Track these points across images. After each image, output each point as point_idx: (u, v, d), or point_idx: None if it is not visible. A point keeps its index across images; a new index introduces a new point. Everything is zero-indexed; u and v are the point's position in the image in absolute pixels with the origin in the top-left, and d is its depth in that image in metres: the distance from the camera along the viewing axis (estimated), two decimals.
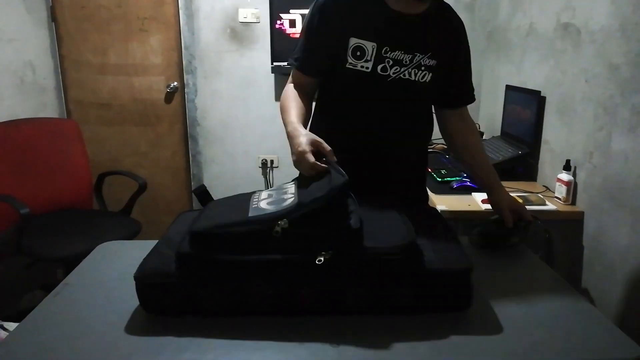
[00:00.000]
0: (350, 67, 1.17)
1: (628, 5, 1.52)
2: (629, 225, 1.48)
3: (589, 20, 1.73)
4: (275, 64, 2.77)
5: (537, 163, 2.10)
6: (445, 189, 1.92)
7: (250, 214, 0.85)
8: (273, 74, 2.83)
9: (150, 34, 2.84)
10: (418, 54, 1.18)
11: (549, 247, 1.45)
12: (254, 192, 0.99)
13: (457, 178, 1.99)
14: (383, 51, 1.16)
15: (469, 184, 1.92)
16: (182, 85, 2.91)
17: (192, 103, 2.93)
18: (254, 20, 2.82)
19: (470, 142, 1.34)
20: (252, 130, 2.96)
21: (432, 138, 2.98)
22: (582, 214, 1.72)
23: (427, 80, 1.21)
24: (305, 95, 1.24)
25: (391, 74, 1.18)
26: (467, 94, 1.36)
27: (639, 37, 1.46)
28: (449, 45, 1.23)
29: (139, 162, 3.01)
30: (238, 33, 2.84)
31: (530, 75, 2.21)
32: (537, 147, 2.09)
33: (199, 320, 0.83)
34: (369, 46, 1.16)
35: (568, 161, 1.78)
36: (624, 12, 1.54)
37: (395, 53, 1.17)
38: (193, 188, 3.04)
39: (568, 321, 0.87)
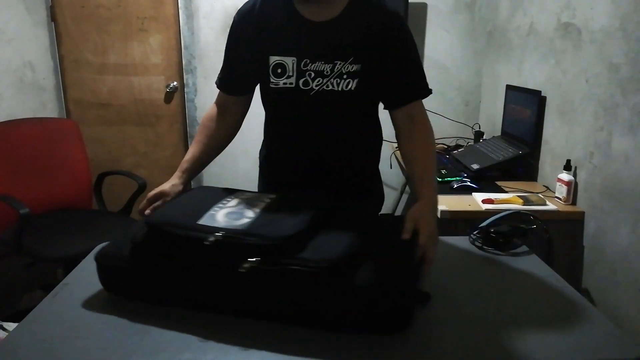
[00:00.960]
0: (274, 86, 1.15)
1: (628, 4, 1.52)
2: (629, 225, 1.48)
3: (590, 20, 1.73)
4: None
5: (537, 163, 2.10)
6: (445, 189, 1.92)
7: (199, 221, 0.87)
8: None
9: (149, 33, 2.84)
10: (338, 62, 1.11)
11: (549, 247, 1.45)
12: (231, 194, 1.02)
13: (457, 178, 1.99)
14: (303, 64, 1.12)
15: (469, 184, 1.92)
16: (182, 85, 2.91)
17: (191, 103, 2.93)
18: None
19: (410, 147, 1.16)
20: (251, 130, 2.94)
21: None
22: (582, 214, 1.72)
23: (352, 88, 1.13)
24: (225, 116, 1.24)
25: (314, 86, 1.13)
26: (409, 91, 1.17)
27: None
28: (374, 45, 1.12)
29: (139, 162, 3.01)
30: None
31: (531, 75, 2.21)
32: (537, 147, 2.09)
33: (198, 321, 0.83)
34: (289, 61, 1.13)
35: (568, 161, 1.77)
36: (624, 11, 1.54)
37: (316, 64, 1.12)
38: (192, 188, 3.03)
39: (568, 321, 0.87)
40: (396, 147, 2.70)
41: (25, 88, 2.58)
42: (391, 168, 2.88)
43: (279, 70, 1.14)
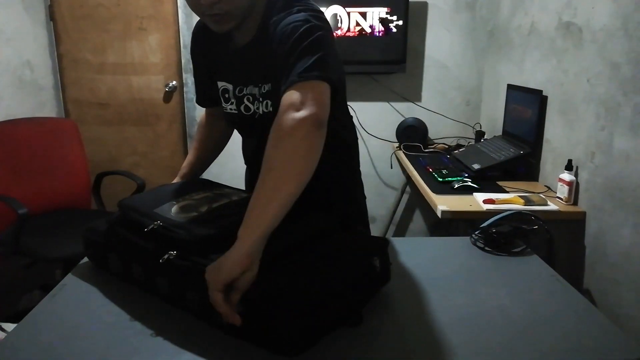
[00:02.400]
0: (224, 110, 1.15)
1: (630, 4, 1.51)
2: (631, 225, 1.47)
3: (591, 19, 1.72)
4: None
5: (538, 163, 2.09)
6: (446, 189, 1.92)
7: (155, 209, 0.91)
8: None
9: (149, 32, 2.83)
10: (260, 85, 1.04)
11: (551, 248, 1.44)
12: (208, 188, 1.03)
13: (458, 178, 1.98)
14: (238, 90, 1.09)
15: (470, 184, 1.92)
16: (181, 84, 2.90)
17: (191, 102, 2.92)
18: None
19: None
20: None
21: (433, 138, 2.95)
22: (583, 214, 1.71)
23: (270, 109, 1.04)
24: (214, 122, 1.29)
25: (257, 110, 1.07)
26: (286, 75, 0.90)
27: None
28: (274, 51, 0.96)
29: (138, 162, 3.00)
30: None
31: (532, 75, 2.20)
32: (538, 146, 2.08)
33: (199, 321, 0.83)
34: (230, 87, 1.11)
35: (570, 161, 1.77)
36: (625, 11, 1.53)
37: (249, 88, 1.07)
38: None
39: (569, 321, 0.87)
40: (397, 147, 2.70)
41: (24, 87, 2.57)
42: (392, 168, 2.88)
43: (226, 95, 1.13)
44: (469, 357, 0.77)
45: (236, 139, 1.33)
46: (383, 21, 2.63)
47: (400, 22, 2.62)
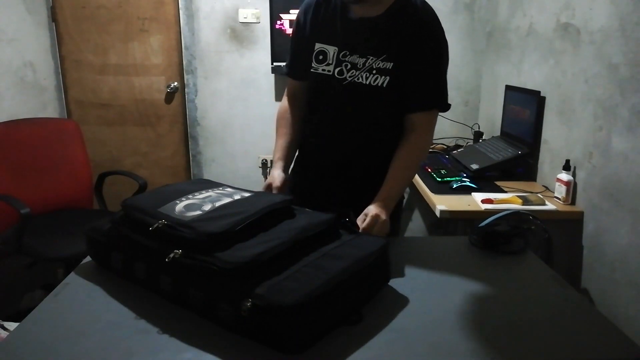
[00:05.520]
0: (313, 70, 1.24)
1: (627, 5, 1.52)
2: (628, 225, 1.48)
3: (589, 20, 1.73)
4: (275, 64, 2.77)
5: (536, 163, 2.10)
6: (445, 189, 1.93)
7: (159, 208, 0.93)
8: (273, 74, 2.83)
9: (150, 34, 2.84)
10: (370, 57, 1.17)
11: (549, 247, 1.45)
12: (210, 187, 1.05)
13: (457, 178, 1.99)
14: (342, 55, 1.20)
15: (468, 184, 1.93)
16: (183, 85, 2.92)
17: (192, 103, 2.94)
18: (254, 21, 2.82)
19: (398, 153, 1.21)
20: (252, 130, 2.96)
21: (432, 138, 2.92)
22: (581, 213, 1.72)
23: (383, 84, 1.18)
24: (296, 105, 1.34)
25: (347, 77, 1.21)
26: (418, 101, 1.20)
27: (639, 37, 1.46)
28: (407, 47, 1.16)
29: (140, 162, 3.02)
30: (238, 33, 2.84)
31: (530, 76, 2.21)
32: (536, 147, 2.09)
33: (199, 321, 0.84)
34: (331, 50, 1.22)
35: (568, 161, 1.78)
36: (623, 12, 1.54)
37: (353, 57, 1.19)
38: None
39: (568, 321, 0.87)
40: None
41: (26, 88, 2.58)
42: None
43: (321, 57, 1.23)
44: (467, 355, 0.78)
45: (236, 140, 1.34)
46: None
47: None
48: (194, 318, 0.84)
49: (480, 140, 2.52)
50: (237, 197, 0.98)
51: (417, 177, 2.11)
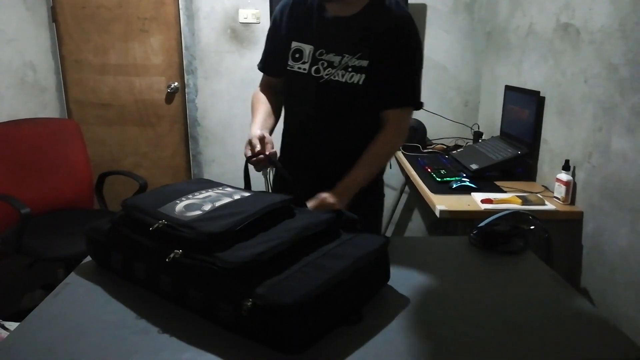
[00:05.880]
0: (290, 68, 1.27)
1: (627, 5, 1.52)
2: (628, 225, 1.48)
3: (588, 21, 1.74)
4: None
5: (536, 163, 2.10)
6: (444, 189, 1.93)
7: (159, 208, 0.93)
8: None
9: (150, 34, 2.84)
10: (346, 55, 1.20)
11: (548, 247, 1.45)
12: (210, 187, 1.04)
13: (457, 178, 1.99)
14: (318, 53, 1.22)
15: (468, 184, 1.93)
16: (183, 85, 2.92)
17: (192, 103, 2.94)
18: (254, 21, 2.82)
19: (370, 145, 1.22)
20: None
21: (432, 139, 2.97)
22: (581, 213, 1.72)
23: (359, 82, 1.20)
24: (272, 93, 1.35)
25: (324, 75, 1.22)
26: (391, 98, 1.22)
27: (638, 37, 1.47)
28: (382, 46, 1.19)
29: (140, 162, 3.02)
30: (238, 33, 2.84)
31: (530, 76, 2.21)
32: (536, 147, 2.09)
33: (199, 321, 0.84)
34: (307, 49, 1.24)
35: (567, 161, 1.78)
36: (623, 12, 1.54)
37: (329, 55, 1.21)
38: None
39: (567, 321, 0.88)
40: None
41: (27, 88, 2.59)
42: (390, 168, 2.89)
43: (297, 55, 1.25)
44: (467, 355, 0.78)
45: (236, 140, 1.35)
46: None
47: None
48: (194, 318, 0.84)
49: (480, 141, 2.53)
50: (237, 196, 0.98)
51: (417, 177, 2.11)
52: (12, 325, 1.57)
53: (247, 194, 1.00)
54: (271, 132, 1.28)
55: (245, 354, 0.76)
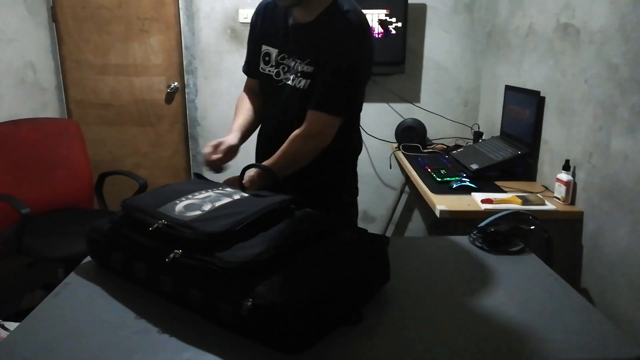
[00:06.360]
0: (261, 70, 1.34)
1: (627, 5, 1.52)
2: (628, 225, 1.48)
3: (589, 21, 1.74)
4: None
5: (536, 163, 2.10)
6: (444, 189, 1.93)
7: (159, 208, 0.93)
8: None
9: (150, 34, 2.84)
10: (298, 61, 1.25)
11: (548, 247, 1.45)
12: (210, 187, 1.05)
13: (457, 178, 1.99)
14: (280, 58, 1.29)
15: (468, 184, 1.93)
16: (183, 85, 2.92)
17: (192, 103, 2.94)
18: None
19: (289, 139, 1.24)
20: None
21: (432, 139, 2.96)
22: (581, 213, 1.72)
23: (304, 87, 1.24)
24: (257, 96, 1.42)
25: (282, 78, 1.29)
26: (313, 97, 1.22)
27: (638, 37, 1.47)
28: (326, 51, 1.20)
29: (140, 162, 3.02)
30: (238, 33, 2.84)
31: (530, 76, 2.21)
32: (536, 147, 2.09)
33: (199, 321, 0.84)
34: (273, 52, 1.31)
35: (567, 161, 1.78)
36: (623, 12, 1.54)
37: (288, 60, 1.28)
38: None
39: (568, 321, 0.88)
40: (396, 147, 2.71)
41: (27, 88, 2.59)
42: (391, 168, 2.89)
43: (267, 59, 1.33)
44: (467, 355, 0.78)
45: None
46: (382, 23, 2.64)
47: (400, 24, 2.63)
48: (194, 318, 0.84)
49: (480, 140, 2.53)
50: (236, 197, 0.99)
51: (417, 177, 2.11)
52: (12, 325, 1.57)
53: (246, 195, 1.00)
54: (250, 134, 1.39)
55: (245, 354, 0.76)
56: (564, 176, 1.77)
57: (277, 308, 0.74)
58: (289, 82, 1.27)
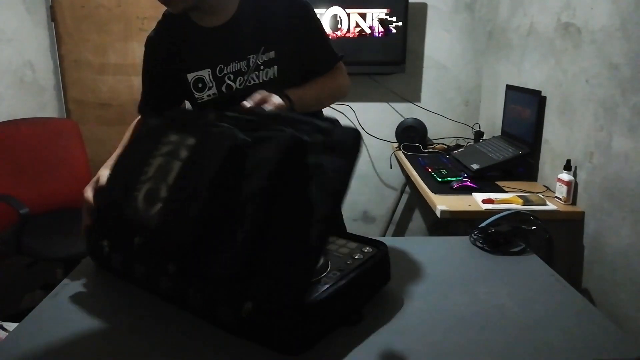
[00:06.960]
0: (200, 100, 1.20)
1: (629, 4, 1.52)
2: (629, 225, 1.48)
3: (590, 20, 1.73)
4: None
5: (537, 163, 2.10)
6: (445, 189, 1.92)
7: (126, 209, 0.85)
8: None
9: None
10: (251, 56, 1.15)
11: (549, 247, 1.45)
12: (151, 157, 0.88)
13: (457, 178, 1.99)
14: (218, 71, 1.16)
15: (469, 184, 1.92)
16: None
17: None
18: None
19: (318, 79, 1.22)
20: None
21: (432, 138, 2.96)
22: (582, 214, 1.72)
23: (275, 75, 1.16)
24: None
25: (237, 86, 1.17)
26: (322, 63, 1.24)
27: None
28: (282, 31, 1.15)
29: None
30: None
31: (531, 75, 2.21)
32: (537, 147, 2.09)
33: (199, 321, 0.83)
34: (205, 74, 1.17)
35: (568, 161, 1.78)
36: (624, 11, 1.54)
37: (231, 66, 1.16)
38: None
39: (568, 321, 0.87)
40: (396, 147, 2.70)
41: (26, 88, 2.58)
42: (391, 168, 2.89)
43: (200, 85, 1.19)
44: (468, 356, 0.78)
45: None
46: (382, 22, 2.63)
47: (400, 23, 2.63)
48: (194, 318, 0.84)
49: (481, 140, 2.52)
50: (183, 154, 0.83)
51: (417, 177, 2.11)
52: (11, 326, 1.57)
53: (193, 150, 0.84)
54: None
55: (245, 354, 0.76)
56: (565, 176, 1.77)
57: (277, 310, 0.73)
58: (254, 82, 1.16)
